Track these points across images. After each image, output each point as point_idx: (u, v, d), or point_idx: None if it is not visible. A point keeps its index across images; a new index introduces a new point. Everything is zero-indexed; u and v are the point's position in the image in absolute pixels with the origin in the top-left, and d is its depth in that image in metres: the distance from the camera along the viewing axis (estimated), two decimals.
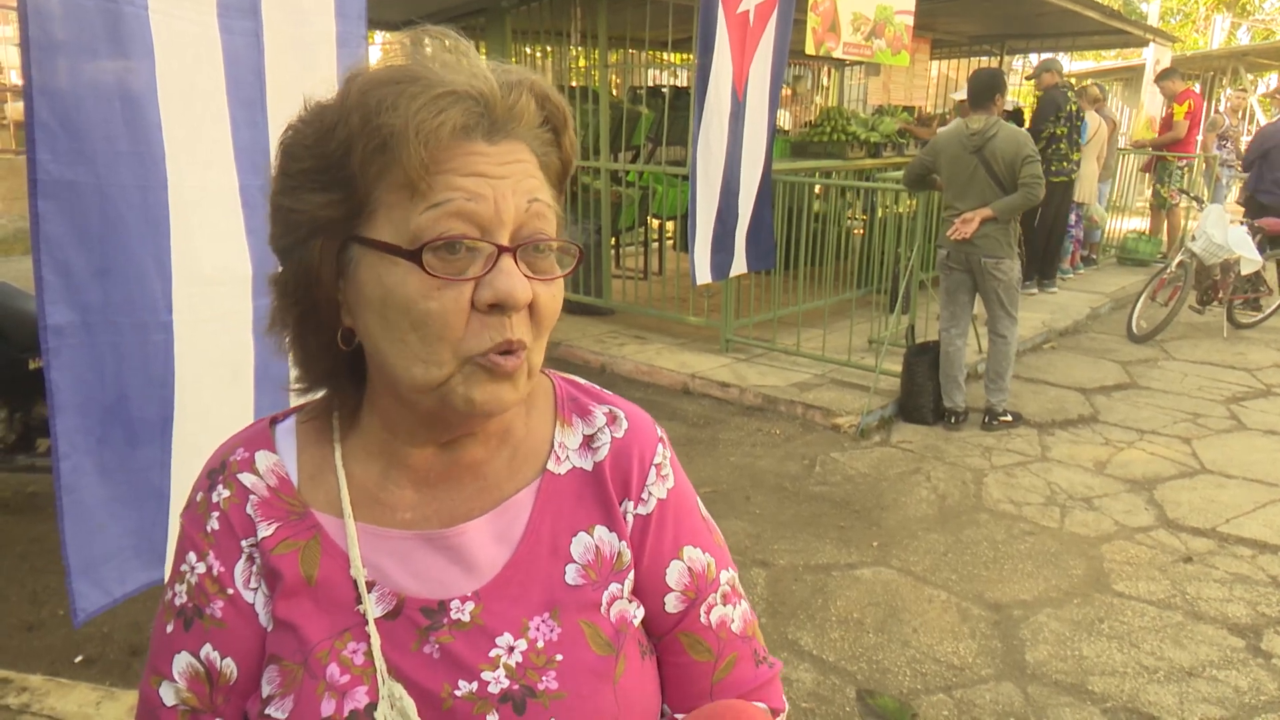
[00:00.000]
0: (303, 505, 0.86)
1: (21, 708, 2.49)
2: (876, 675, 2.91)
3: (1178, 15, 25.13)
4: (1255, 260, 7.07)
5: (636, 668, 0.87)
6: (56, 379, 1.91)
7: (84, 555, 2.02)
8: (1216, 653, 3.04)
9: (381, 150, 0.73)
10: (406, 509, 0.86)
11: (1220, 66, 16.91)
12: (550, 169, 0.82)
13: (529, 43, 8.19)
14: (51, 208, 1.86)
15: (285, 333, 0.85)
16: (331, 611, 0.83)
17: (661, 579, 0.90)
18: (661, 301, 7.03)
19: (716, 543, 0.96)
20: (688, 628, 0.91)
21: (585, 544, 0.88)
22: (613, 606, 0.87)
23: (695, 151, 5.14)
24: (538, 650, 0.83)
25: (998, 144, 4.71)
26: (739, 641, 0.93)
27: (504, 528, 0.87)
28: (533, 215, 0.77)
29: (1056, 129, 7.74)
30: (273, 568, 0.84)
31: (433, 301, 0.74)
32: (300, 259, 0.79)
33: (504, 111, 0.76)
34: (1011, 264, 4.87)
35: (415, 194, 0.74)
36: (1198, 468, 4.65)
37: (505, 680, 0.81)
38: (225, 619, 0.84)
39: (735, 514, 4.00)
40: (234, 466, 0.88)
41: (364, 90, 0.75)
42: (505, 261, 0.75)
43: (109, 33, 1.90)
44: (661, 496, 0.92)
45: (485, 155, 0.75)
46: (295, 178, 0.78)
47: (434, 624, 0.83)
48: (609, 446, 0.91)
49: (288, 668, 0.82)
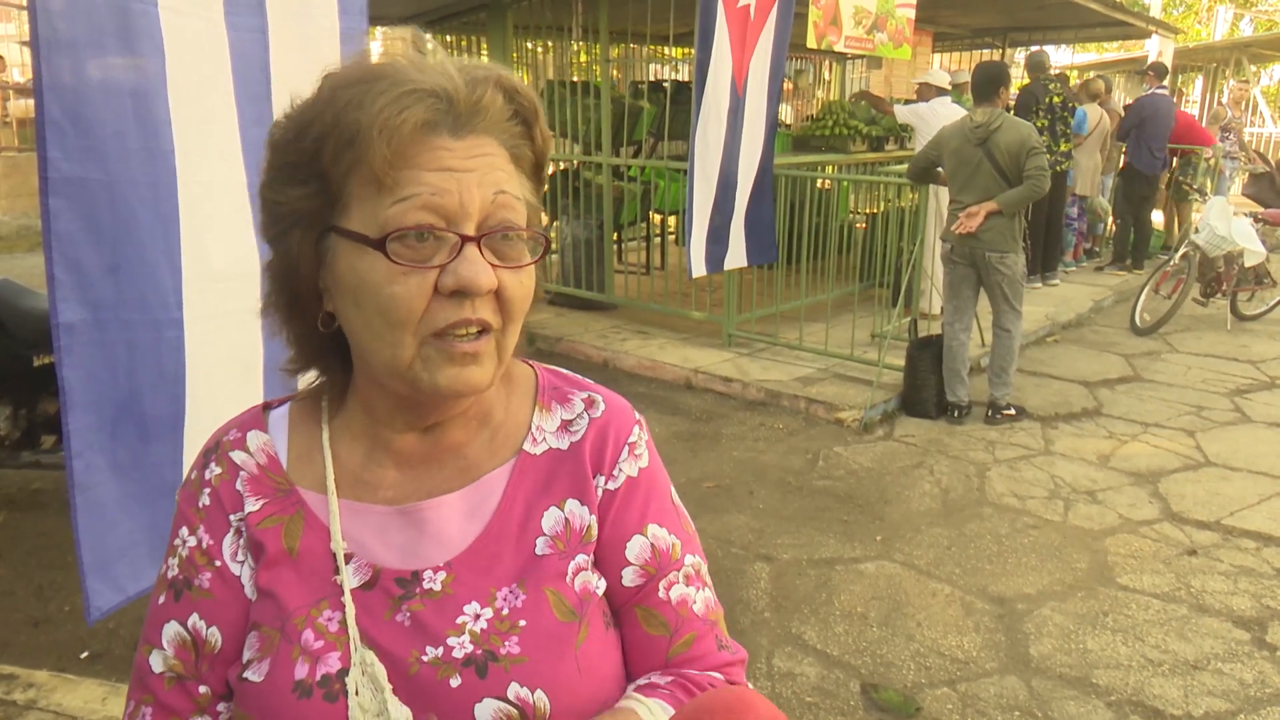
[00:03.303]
0: (289, 483, 0.91)
1: (28, 704, 2.50)
2: (881, 669, 2.91)
3: (1180, 6, 25.03)
4: (1259, 252, 7.06)
5: (599, 636, 0.89)
6: (69, 376, 1.91)
7: (98, 553, 2.02)
8: (1221, 645, 3.05)
9: (350, 146, 0.77)
10: (388, 487, 0.90)
11: (1223, 58, 16.85)
12: (523, 161, 0.85)
13: (530, 38, 8.18)
14: (62, 205, 1.86)
15: (277, 315, 0.89)
16: (310, 581, 0.87)
17: (621, 552, 0.92)
18: (664, 296, 7.03)
19: (685, 529, 0.98)
20: (643, 601, 0.93)
21: (556, 517, 0.91)
22: (578, 576, 0.89)
23: (693, 145, 5.14)
24: (502, 617, 0.86)
25: (1001, 136, 4.70)
26: (699, 622, 0.94)
27: (478, 502, 0.90)
28: (499, 206, 0.80)
29: (1038, 121, 7.74)
30: (257, 540, 0.88)
31: (397, 286, 0.78)
32: (285, 248, 0.84)
33: (468, 107, 0.80)
34: (1016, 258, 4.86)
35: (382, 188, 0.78)
36: (1202, 460, 4.65)
37: (469, 645, 0.84)
38: (213, 589, 0.89)
39: (738, 509, 4.01)
40: (227, 445, 0.94)
41: (335, 88, 0.79)
42: (469, 250, 0.79)
43: (118, 30, 1.90)
44: (632, 474, 0.94)
45: (450, 150, 0.78)
46: (279, 171, 0.83)
47: (407, 593, 0.87)
48: (586, 427, 0.95)
49: (266, 633, 0.86)
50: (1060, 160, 7.89)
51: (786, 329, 6.22)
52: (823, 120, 8.26)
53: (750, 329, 6.38)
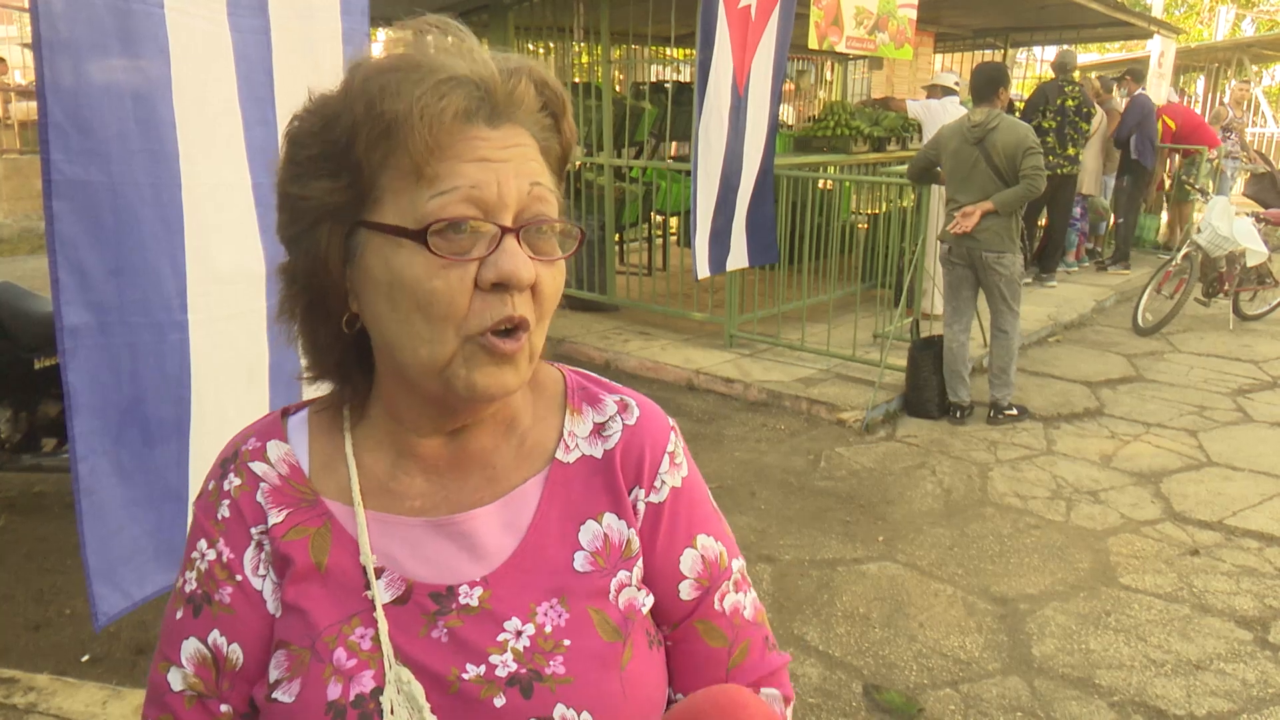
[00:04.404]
0: (313, 493, 0.88)
1: (29, 707, 2.50)
2: (883, 670, 2.91)
3: (1182, 7, 25.01)
4: (1261, 252, 7.05)
5: (644, 655, 0.87)
6: (73, 380, 1.91)
7: (104, 558, 2.01)
8: (1224, 645, 3.04)
9: (386, 136, 0.75)
10: (416, 497, 0.87)
11: (1225, 58, 16.84)
12: (551, 154, 0.83)
13: (532, 39, 8.19)
14: (65, 208, 1.86)
15: (293, 321, 0.86)
16: (340, 597, 0.84)
17: (676, 566, 0.90)
18: (665, 297, 7.02)
19: (726, 532, 0.97)
20: (703, 615, 0.91)
21: (594, 531, 0.88)
22: (621, 594, 0.87)
23: (696, 146, 5.14)
24: (545, 635, 0.83)
25: (998, 136, 4.70)
26: (751, 628, 0.94)
27: (512, 516, 0.87)
28: (534, 199, 0.78)
29: (1045, 122, 7.72)
30: (283, 554, 0.85)
31: (438, 280, 0.75)
32: (308, 246, 0.81)
33: (504, 96, 0.78)
34: (1014, 258, 4.86)
35: (420, 179, 0.75)
36: (1204, 460, 4.64)
37: (513, 664, 0.81)
38: (234, 605, 0.85)
39: (740, 509, 4.00)
40: (246, 455, 0.90)
41: (367, 78, 0.76)
42: (509, 242, 0.76)
43: (120, 31, 1.90)
44: (675, 485, 0.92)
45: (487, 140, 0.76)
46: (302, 165, 0.80)
47: (442, 609, 0.84)
48: (620, 434, 0.92)
49: (295, 652, 0.83)
50: (1064, 164, 7.86)
51: (788, 330, 6.22)
52: (825, 121, 8.26)
53: (752, 330, 6.38)
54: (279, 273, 0.86)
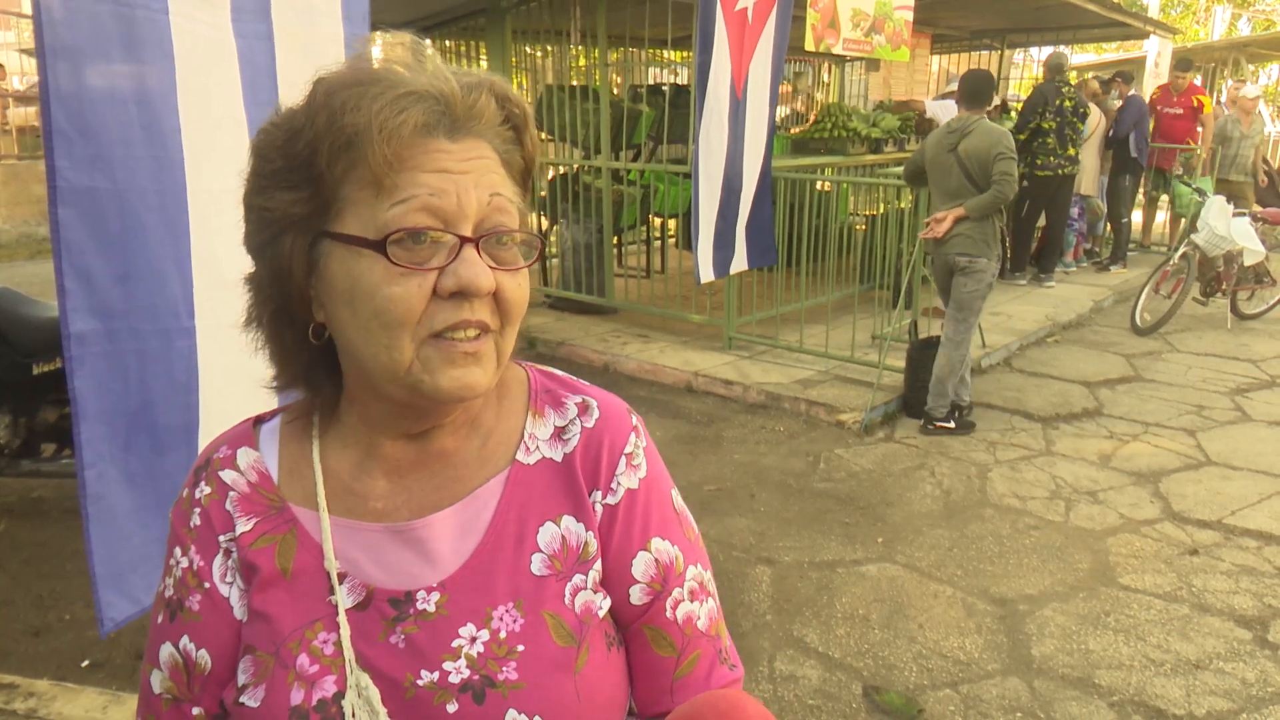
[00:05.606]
0: (281, 499, 0.90)
1: (29, 713, 2.50)
2: (883, 671, 2.91)
3: (1178, 7, 25.06)
4: (1258, 251, 7.07)
5: (601, 658, 0.88)
6: (80, 387, 1.91)
7: (111, 564, 2.01)
8: (1223, 645, 3.05)
9: (347, 149, 0.77)
10: (378, 498, 0.89)
11: (1221, 58, 16.85)
12: (513, 166, 0.85)
13: (529, 42, 8.20)
14: (71, 214, 1.86)
15: (260, 330, 0.88)
16: (304, 602, 0.86)
17: (628, 570, 0.90)
18: (664, 300, 7.03)
19: (688, 537, 0.96)
20: (651, 620, 0.91)
21: (552, 533, 0.89)
22: (577, 597, 0.88)
23: (697, 150, 5.15)
24: (500, 641, 0.84)
25: (971, 141, 4.68)
26: (704, 640, 0.93)
27: (470, 518, 0.88)
28: (494, 209, 0.80)
29: (1043, 123, 7.73)
30: (250, 562, 0.87)
31: (396, 287, 0.77)
32: (272, 256, 0.83)
33: (464, 110, 0.80)
34: (987, 263, 4.74)
35: (380, 190, 0.77)
36: (1203, 460, 4.65)
37: (466, 670, 0.83)
38: (201, 612, 0.88)
39: (740, 511, 4.01)
40: (216, 464, 0.92)
41: (329, 92, 0.79)
42: (468, 251, 0.78)
43: (124, 38, 1.90)
44: (631, 486, 0.92)
45: (448, 152, 0.79)
46: (267, 177, 0.82)
47: (400, 615, 0.85)
48: (579, 436, 0.92)
49: (261, 658, 0.85)
50: (1064, 164, 7.88)
51: (787, 331, 6.22)
52: (822, 122, 8.27)
53: (751, 332, 6.39)
54: (246, 282, 0.88)
